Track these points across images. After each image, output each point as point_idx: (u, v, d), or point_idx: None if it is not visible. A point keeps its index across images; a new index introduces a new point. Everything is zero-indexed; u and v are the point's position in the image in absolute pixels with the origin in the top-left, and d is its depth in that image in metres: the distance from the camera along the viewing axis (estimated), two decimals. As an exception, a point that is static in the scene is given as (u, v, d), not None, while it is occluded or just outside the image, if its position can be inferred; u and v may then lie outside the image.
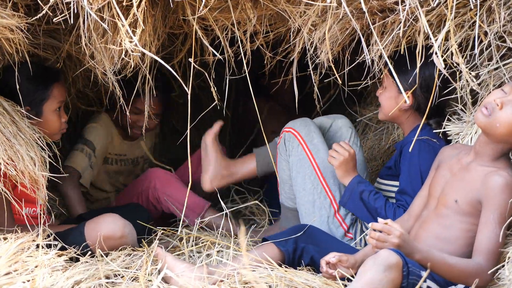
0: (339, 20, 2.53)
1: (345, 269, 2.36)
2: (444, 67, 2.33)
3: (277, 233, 2.70)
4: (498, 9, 2.33)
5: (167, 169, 3.54)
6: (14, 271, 2.17)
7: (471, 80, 2.39)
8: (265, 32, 2.72)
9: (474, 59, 2.47)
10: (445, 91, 2.57)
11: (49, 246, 2.45)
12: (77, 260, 2.49)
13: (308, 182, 2.85)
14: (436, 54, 2.30)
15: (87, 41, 2.51)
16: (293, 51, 2.74)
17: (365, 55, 2.49)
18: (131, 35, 2.32)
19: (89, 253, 2.55)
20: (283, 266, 2.48)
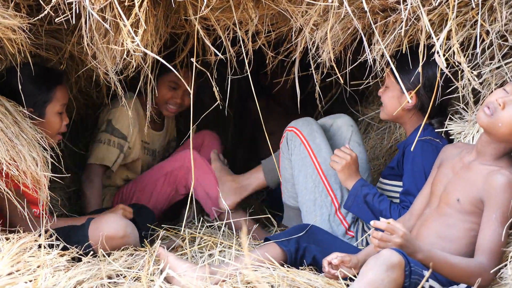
0: (341, 19, 2.53)
1: (347, 269, 2.35)
2: (446, 66, 2.33)
3: (279, 232, 2.70)
4: (500, 8, 2.33)
5: None
6: (16, 271, 2.17)
7: (473, 79, 2.39)
8: (267, 31, 2.73)
9: (476, 58, 2.46)
10: (448, 91, 2.57)
11: (51, 246, 2.45)
12: (79, 260, 2.49)
13: (309, 180, 2.86)
14: (438, 53, 2.30)
15: (89, 41, 2.52)
16: (295, 51, 2.74)
17: (367, 55, 2.49)
18: (133, 35, 2.33)
19: (91, 253, 2.55)
20: (285, 266, 2.48)
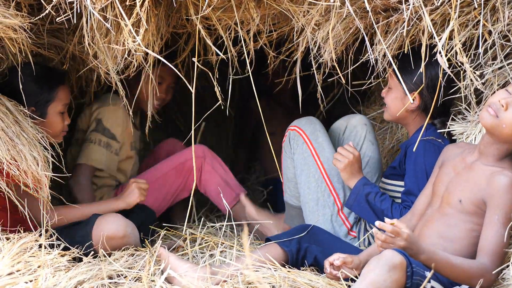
0: (343, 19, 2.53)
1: (349, 270, 2.35)
2: (448, 66, 2.32)
3: (280, 233, 2.70)
4: (502, 8, 2.32)
5: None
6: (16, 271, 2.16)
7: (475, 79, 2.38)
8: (269, 31, 2.72)
9: (478, 58, 2.46)
10: (451, 91, 2.56)
11: (52, 246, 2.45)
12: (80, 260, 2.49)
13: (312, 180, 2.85)
14: (440, 53, 2.29)
15: (90, 41, 2.51)
16: (297, 51, 2.73)
17: (368, 55, 2.48)
18: (134, 35, 2.32)
19: (92, 253, 2.55)
20: (286, 266, 2.48)
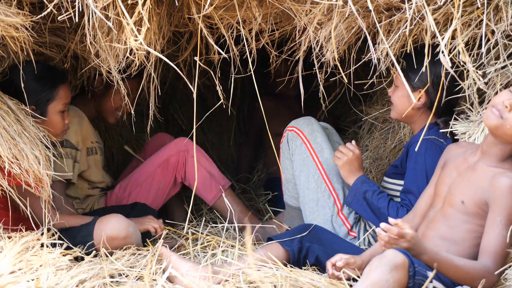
0: (345, 18, 2.52)
1: (351, 270, 2.34)
2: (451, 66, 2.31)
3: (282, 232, 2.69)
4: (505, 7, 2.32)
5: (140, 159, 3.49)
6: (18, 270, 2.16)
7: (478, 79, 2.37)
8: (271, 30, 2.72)
9: (481, 58, 2.45)
10: (456, 89, 2.56)
11: (53, 245, 2.45)
12: (82, 259, 2.49)
13: (311, 180, 2.85)
14: (442, 53, 2.28)
15: (92, 40, 2.51)
16: (299, 50, 2.73)
17: (371, 54, 2.48)
18: (136, 34, 2.32)
19: (94, 252, 2.55)
20: (288, 265, 2.48)
